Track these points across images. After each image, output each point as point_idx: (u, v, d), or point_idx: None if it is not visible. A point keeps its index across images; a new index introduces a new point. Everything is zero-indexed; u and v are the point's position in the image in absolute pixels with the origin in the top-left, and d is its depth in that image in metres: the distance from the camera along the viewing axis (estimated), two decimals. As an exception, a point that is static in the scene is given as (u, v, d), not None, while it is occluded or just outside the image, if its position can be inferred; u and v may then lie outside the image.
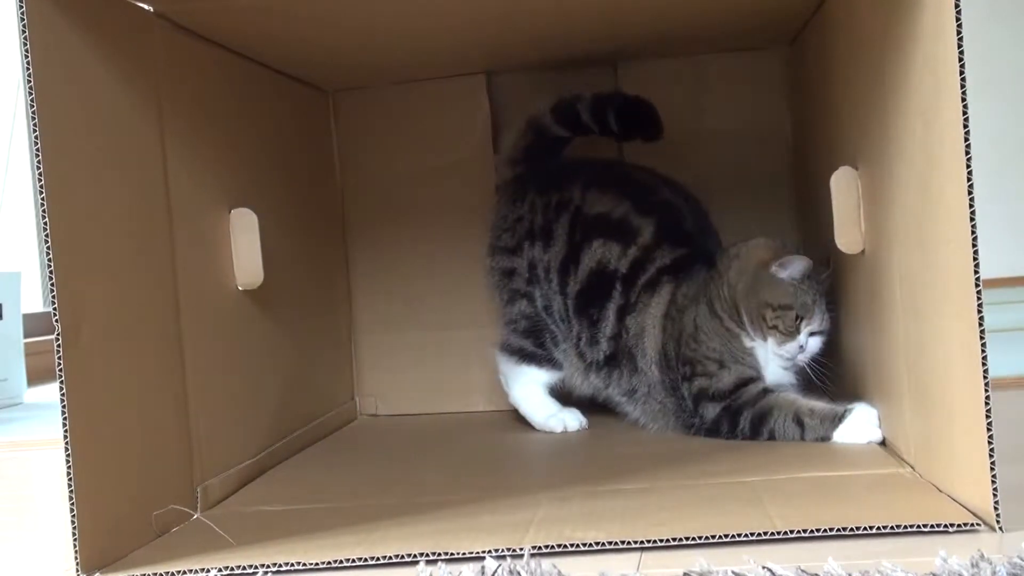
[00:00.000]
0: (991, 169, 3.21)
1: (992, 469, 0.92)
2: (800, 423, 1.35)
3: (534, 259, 1.59)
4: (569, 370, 1.58)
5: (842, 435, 1.32)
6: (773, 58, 1.78)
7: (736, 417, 1.40)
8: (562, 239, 1.56)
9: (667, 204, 1.56)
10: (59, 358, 1.00)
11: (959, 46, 0.92)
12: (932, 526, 0.94)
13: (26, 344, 2.64)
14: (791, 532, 0.95)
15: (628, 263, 1.51)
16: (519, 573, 0.89)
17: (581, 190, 1.57)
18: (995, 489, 0.93)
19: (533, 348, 1.59)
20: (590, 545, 0.97)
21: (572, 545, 0.97)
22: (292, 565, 0.99)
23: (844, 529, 0.95)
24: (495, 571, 0.91)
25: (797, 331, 1.40)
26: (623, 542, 0.97)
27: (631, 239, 1.51)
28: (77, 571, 1.00)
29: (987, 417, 0.91)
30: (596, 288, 1.52)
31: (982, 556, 0.82)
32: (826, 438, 1.33)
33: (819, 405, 1.36)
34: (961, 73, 0.92)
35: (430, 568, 0.95)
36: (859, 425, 1.32)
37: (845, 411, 1.33)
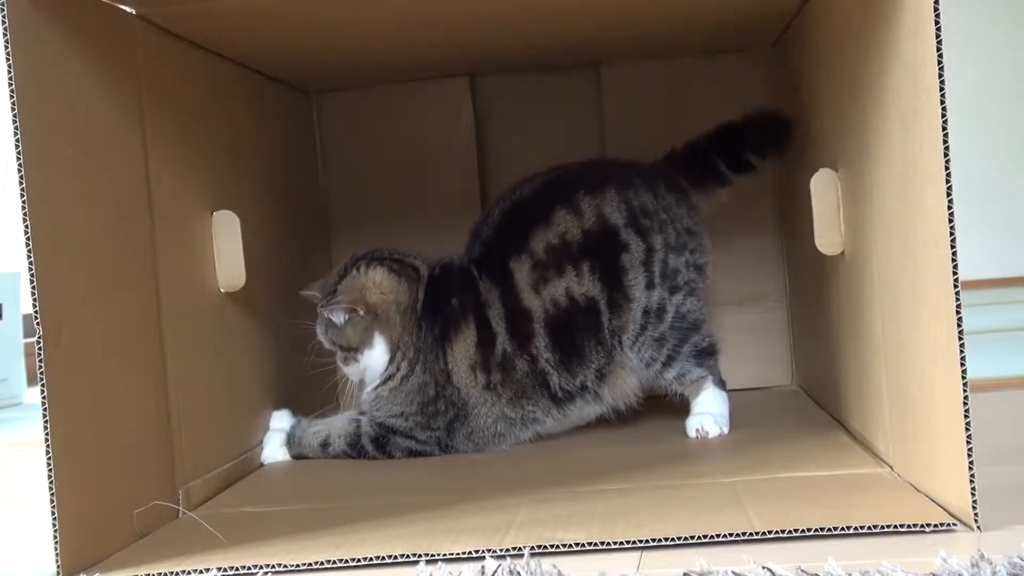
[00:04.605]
0: (992, 170, 3.23)
1: (970, 469, 0.93)
2: None
3: None
4: None
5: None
6: (755, 60, 1.79)
7: None
8: None
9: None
10: (40, 360, 1.00)
11: (938, 48, 0.92)
12: (909, 526, 0.94)
13: (26, 344, 2.65)
14: (795, 531, 0.95)
15: None
16: (519, 573, 0.90)
17: None
18: (973, 489, 0.93)
19: None
20: (594, 544, 0.97)
21: (567, 545, 0.97)
22: (273, 567, 0.99)
23: (821, 529, 0.95)
24: (495, 571, 0.91)
25: None
26: (628, 541, 0.97)
27: None
28: (58, 573, 1.00)
29: (965, 417, 0.92)
30: None
31: (982, 556, 0.83)
32: None
33: None
34: (940, 75, 0.92)
35: (430, 568, 0.95)
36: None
37: None
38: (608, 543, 0.97)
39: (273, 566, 0.99)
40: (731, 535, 0.96)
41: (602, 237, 1.44)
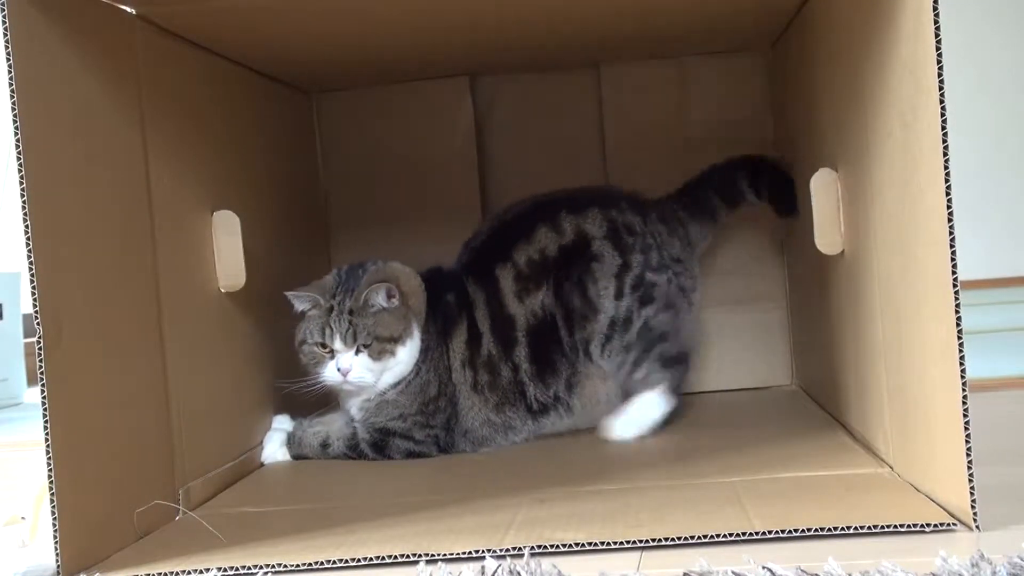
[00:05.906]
0: (992, 170, 3.23)
1: (970, 469, 0.93)
2: None
3: None
4: None
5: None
6: (755, 60, 1.79)
7: None
8: None
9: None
10: (40, 360, 1.00)
11: (938, 48, 0.92)
12: (909, 526, 0.94)
13: (26, 344, 2.65)
14: (795, 531, 0.95)
15: None
16: (519, 573, 0.90)
17: None
18: (972, 489, 0.93)
19: None
20: (594, 544, 0.97)
21: (567, 545, 0.97)
22: (273, 567, 0.99)
23: (821, 529, 0.95)
24: (495, 571, 0.91)
25: None
26: (628, 542, 0.97)
27: None
28: (58, 573, 1.00)
29: (965, 417, 0.92)
30: None
31: (982, 556, 0.83)
32: None
33: None
34: (939, 75, 0.92)
35: (430, 568, 0.95)
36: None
37: None
38: (608, 543, 0.97)
39: (273, 566, 0.99)
40: (731, 535, 0.96)
41: (576, 247, 1.49)
